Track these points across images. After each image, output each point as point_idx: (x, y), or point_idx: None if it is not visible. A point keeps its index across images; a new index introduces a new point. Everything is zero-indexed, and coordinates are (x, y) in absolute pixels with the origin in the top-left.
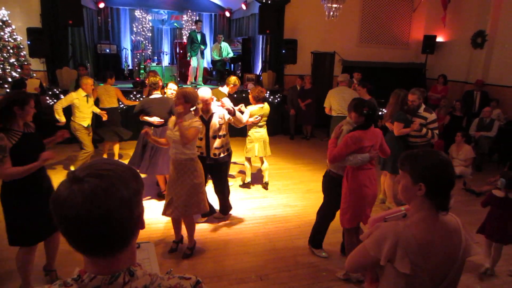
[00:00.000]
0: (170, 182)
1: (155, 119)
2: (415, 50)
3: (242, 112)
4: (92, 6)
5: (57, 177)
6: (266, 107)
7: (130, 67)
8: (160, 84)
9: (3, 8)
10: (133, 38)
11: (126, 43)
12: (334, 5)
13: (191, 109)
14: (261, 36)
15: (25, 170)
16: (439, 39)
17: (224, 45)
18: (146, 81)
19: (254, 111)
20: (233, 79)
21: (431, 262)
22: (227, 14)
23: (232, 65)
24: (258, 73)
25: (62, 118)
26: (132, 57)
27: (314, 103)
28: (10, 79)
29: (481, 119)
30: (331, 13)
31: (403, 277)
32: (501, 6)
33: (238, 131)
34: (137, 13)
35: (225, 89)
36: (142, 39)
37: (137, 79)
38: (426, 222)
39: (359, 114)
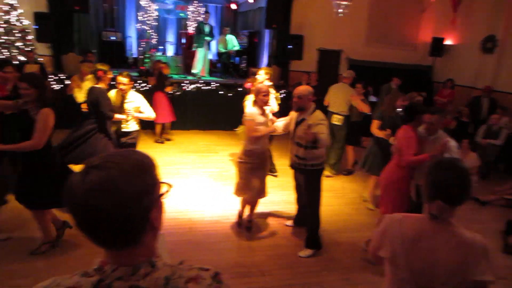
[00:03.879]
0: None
1: None
2: (422, 52)
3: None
4: None
5: None
6: None
7: (135, 56)
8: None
9: None
10: (138, 27)
11: (131, 32)
12: (343, 2)
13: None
14: (267, 30)
15: None
16: (448, 42)
17: (230, 37)
18: (155, 72)
19: None
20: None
21: (414, 260)
22: (234, 6)
23: (237, 58)
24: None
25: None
26: (137, 45)
27: (318, 100)
28: (16, 62)
29: (489, 126)
30: (340, 10)
31: (389, 271)
32: None
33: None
34: (143, 1)
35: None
36: (147, 28)
37: (142, 68)
38: (420, 222)
39: None
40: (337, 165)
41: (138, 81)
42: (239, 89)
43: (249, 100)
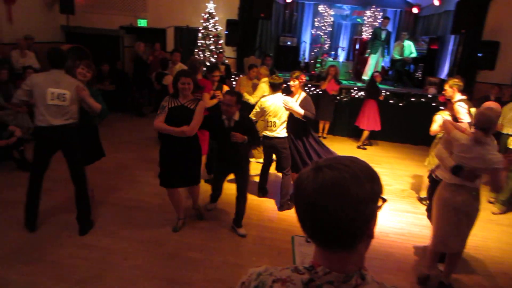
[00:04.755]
0: None
1: None
2: None
3: None
4: (281, 0)
5: None
6: None
7: (306, 60)
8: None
9: (211, 1)
10: (313, 32)
11: (306, 37)
12: None
13: None
14: (452, 36)
15: (165, 129)
16: None
17: (408, 43)
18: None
19: None
20: None
21: None
22: (415, 10)
23: (412, 65)
24: (442, 77)
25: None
26: (309, 50)
27: None
28: (207, 63)
29: None
30: None
31: None
32: None
33: None
34: (321, 8)
35: None
36: (322, 34)
37: (313, 72)
38: None
39: None
40: (507, 200)
41: (308, 85)
42: (412, 99)
43: (440, 115)
